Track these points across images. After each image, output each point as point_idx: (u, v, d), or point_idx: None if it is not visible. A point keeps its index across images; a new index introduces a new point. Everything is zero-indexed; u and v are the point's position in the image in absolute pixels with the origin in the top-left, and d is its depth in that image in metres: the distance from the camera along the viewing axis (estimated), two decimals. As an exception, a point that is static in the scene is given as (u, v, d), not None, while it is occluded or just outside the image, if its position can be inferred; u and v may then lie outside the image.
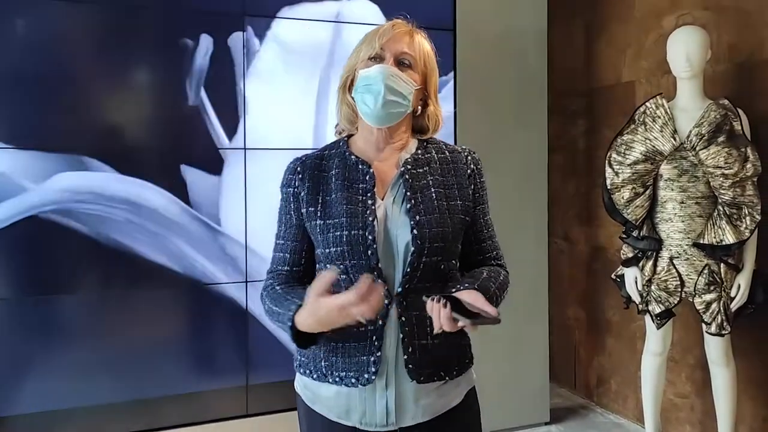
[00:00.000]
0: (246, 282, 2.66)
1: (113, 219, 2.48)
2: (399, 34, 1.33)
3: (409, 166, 1.34)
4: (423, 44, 1.36)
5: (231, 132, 2.65)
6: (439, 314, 1.14)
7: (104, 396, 2.48)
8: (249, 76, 2.66)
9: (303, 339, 1.25)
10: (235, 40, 2.65)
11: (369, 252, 1.26)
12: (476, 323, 1.13)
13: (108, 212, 2.48)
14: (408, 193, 1.31)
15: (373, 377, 1.27)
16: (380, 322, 1.27)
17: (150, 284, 2.54)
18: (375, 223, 1.28)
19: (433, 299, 1.16)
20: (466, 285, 1.25)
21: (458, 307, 1.16)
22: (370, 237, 1.26)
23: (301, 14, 2.73)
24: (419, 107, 1.37)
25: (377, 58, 1.31)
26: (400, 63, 1.32)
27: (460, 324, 1.13)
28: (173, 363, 2.59)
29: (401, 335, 1.28)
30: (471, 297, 1.19)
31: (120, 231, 2.49)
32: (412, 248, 1.27)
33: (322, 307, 1.17)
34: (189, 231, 2.59)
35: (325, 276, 1.18)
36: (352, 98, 1.36)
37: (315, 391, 1.35)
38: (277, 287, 1.34)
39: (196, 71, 2.58)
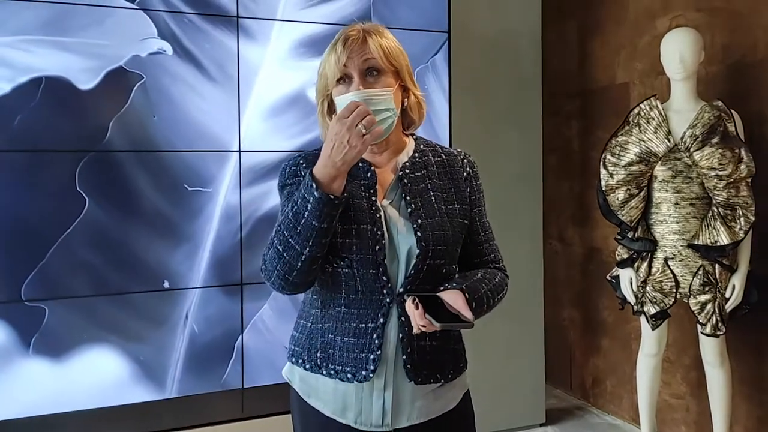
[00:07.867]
0: (241, 284, 2.65)
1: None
2: (354, 47, 1.29)
3: (407, 170, 1.34)
4: (380, 41, 1.30)
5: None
6: (414, 315, 1.18)
7: (99, 400, 2.47)
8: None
9: (327, 203, 1.18)
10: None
11: (377, 247, 1.26)
12: (445, 327, 1.17)
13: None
14: (408, 197, 1.31)
15: (371, 375, 1.27)
16: (381, 321, 1.28)
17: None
18: (383, 219, 1.28)
19: (412, 300, 1.19)
20: (455, 285, 1.26)
21: (438, 306, 1.19)
22: (379, 232, 1.27)
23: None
24: (405, 101, 1.35)
25: (345, 79, 1.29)
26: (368, 74, 1.29)
27: (430, 329, 1.17)
28: (169, 366, 2.58)
29: (401, 335, 1.28)
30: (451, 297, 1.22)
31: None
32: (417, 251, 1.27)
33: (329, 133, 1.18)
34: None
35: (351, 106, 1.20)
36: None
37: (312, 384, 1.34)
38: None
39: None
